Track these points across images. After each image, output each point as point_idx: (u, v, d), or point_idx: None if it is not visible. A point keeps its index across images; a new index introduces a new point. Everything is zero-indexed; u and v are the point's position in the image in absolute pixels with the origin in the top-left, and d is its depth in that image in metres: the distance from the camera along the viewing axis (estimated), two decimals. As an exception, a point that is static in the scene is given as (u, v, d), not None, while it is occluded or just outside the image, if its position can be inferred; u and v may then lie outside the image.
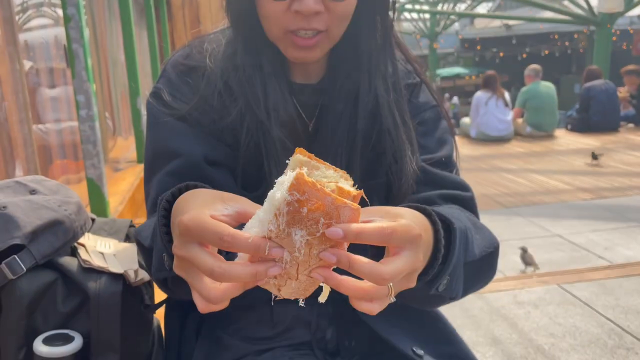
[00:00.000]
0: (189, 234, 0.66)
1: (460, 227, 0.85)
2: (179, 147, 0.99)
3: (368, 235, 0.65)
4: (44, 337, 0.96)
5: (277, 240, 0.65)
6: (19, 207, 0.99)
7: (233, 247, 0.64)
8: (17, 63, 2.24)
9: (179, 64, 1.06)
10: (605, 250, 4.10)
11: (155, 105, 1.04)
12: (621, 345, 2.75)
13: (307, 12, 0.90)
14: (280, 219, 0.65)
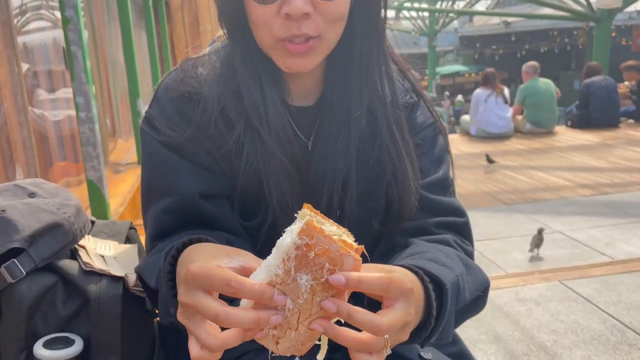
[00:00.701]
0: (196, 281, 0.70)
1: (452, 282, 0.87)
2: (174, 182, 0.99)
3: (368, 283, 0.70)
4: (45, 340, 0.96)
5: (282, 287, 0.69)
6: (17, 210, 0.99)
7: (239, 293, 0.68)
8: (15, 65, 2.24)
9: (172, 89, 1.03)
10: (607, 247, 4.09)
11: (149, 133, 1.02)
12: (623, 342, 2.75)
13: (296, 14, 0.87)
14: (288, 263, 0.69)
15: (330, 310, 0.69)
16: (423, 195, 1.05)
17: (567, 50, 26.13)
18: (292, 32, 0.89)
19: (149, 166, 1.03)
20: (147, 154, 1.03)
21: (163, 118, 1.01)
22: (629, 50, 21.78)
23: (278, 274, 0.70)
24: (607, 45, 14.30)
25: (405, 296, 0.73)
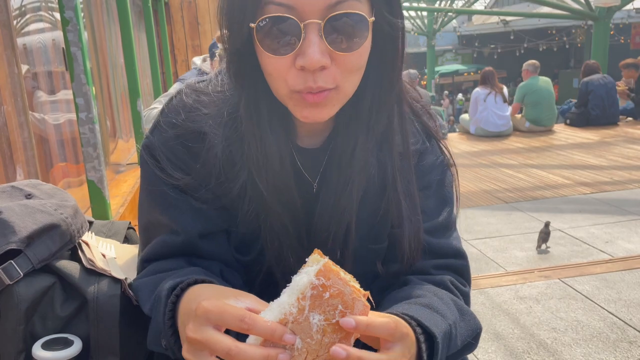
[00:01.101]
0: (207, 317, 0.73)
1: (444, 332, 0.89)
2: (174, 220, 0.99)
3: (375, 328, 0.74)
4: (43, 341, 0.96)
5: (293, 326, 0.73)
6: (14, 211, 0.98)
7: (252, 329, 0.71)
8: (15, 67, 2.25)
9: (177, 126, 0.99)
10: (606, 244, 4.10)
11: (150, 166, 1.00)
12: (624, 339, 2.75)
13: (311, 67, 0.82)
14: (303, 302, 0.73)
15: (339, 357, 0.71)
16: (424, 239, 1.05)
17: (566, 49, 26.12)
18: (307, 85, 0.85)
19: (149, 197, 1.02)
20: (147, 183, 1.02)
21: (167, 152, 0.98)
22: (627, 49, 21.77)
23: (291, 312, 0.73)
24: (605, 44, 14.31)
25: (402, 340, 0.78)
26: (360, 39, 0.85)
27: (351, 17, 0.83)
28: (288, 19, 0.82)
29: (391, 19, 0.89)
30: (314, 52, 0.82)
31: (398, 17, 0.90)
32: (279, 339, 0.71)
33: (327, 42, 0.83)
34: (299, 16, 0.82)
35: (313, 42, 0.82)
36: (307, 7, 0.81)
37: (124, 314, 1.01)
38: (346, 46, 0.84)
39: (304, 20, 0.82)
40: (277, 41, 0.83)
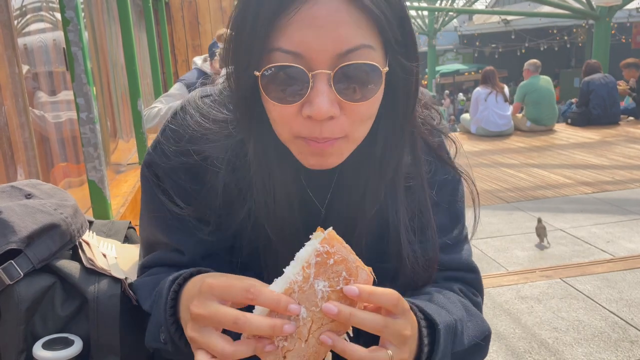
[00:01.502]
0: (212, 291, 0.73)
1: (447, 323, 0.88)
2: (177, 244, 0.98)
3: (378, 296, 0.74)
4: (44, 341, 0.95)
5: (299, 295, 0.73)
6: (14, 211, 0.98)
7: (257, 299, 0.71)
8: (16, 67, 2.24)
9: (177, 151, 0.95)
10: (608, 244, 4.09)
11: (152, 185, 0.98)
12: (625, 339, 2.74)
13: (319, 117, 0.77)
14: (308, 270, 0.74)
15: (331, 313, 0.71)
16: None
17: (567, 48, 26.10)
18: (313, 133, 0.80)
19: (151, 219, 1.01)
20: (149, 202, 1.01)
21: (169, 170, 0.96)
22: (628, 48, 21.76)
23: (296, 280, 0.73)
24: (606, 43, 14.29)
25: (405, 314, 0.78)
26: (372, 89, 0.80)
27: (363, 67, 0.78)
28: (295, 68, 0.77)
29: (406, 63, 0.84)
30: (322, 102, 0.77)
31: (413, 60, 0.85)
32: (284, 310, 0.71)
33: (336, 92, 0.78)
34: (307, 65, 0.77)
35: (321, 91, 0.77)
36: (316, 55, 0.76)
37: (124, 313, 1.01)
38: (357, 96, 0.79)
39: (312, 69, 0.77)
40: (283, 89, 0.78)
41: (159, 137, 0.98)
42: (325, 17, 0.75)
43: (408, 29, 0.83)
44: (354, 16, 0.76)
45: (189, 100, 0.99)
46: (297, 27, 0.75)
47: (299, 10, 0.74)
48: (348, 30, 0.76)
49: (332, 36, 0.75)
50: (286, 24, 0.75)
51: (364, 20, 0.77)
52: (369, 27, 0.78)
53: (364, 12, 0.76)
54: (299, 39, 0.76)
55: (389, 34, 0.79)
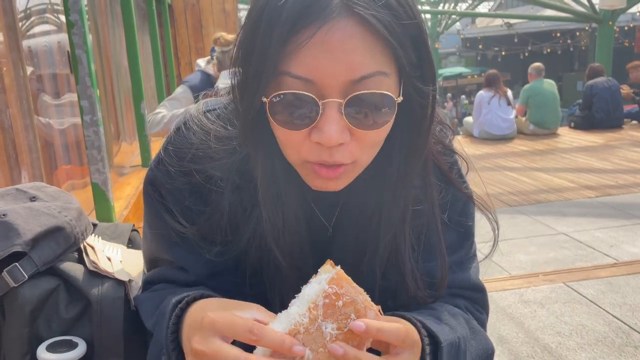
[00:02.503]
0: (215, 328, 0.72)
1: (450, 341, 0.88)
2: (183, 262, 0.97)
3: (386, 332, 0.73)
4: (48, 344, 0.96)
5: (304, 336, 0.71)
6: (19, 214, 0.99)
7: (261, 340, 0.70)
8: (20, 69, 2.25)
9: (181, 170, 0.93)
10: (611, 248, 4.08)
11: (155, 203, 0.96)
12: (629, 344, 2.73)
13: (328, 144, 0.76)
14: (315, 311, 0.72)
15: (337, 353, 0.71)
16: None
17: (570, 52, 26.08)
18: (322, 158, 0.78)
19: (154, 238, 0.99)
20: (152, 219, 0.98)
21: (172, 188, 0.94)
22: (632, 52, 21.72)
23: (302, 322, 0.72)
24: (609, 47, 14.28)
25: (412, 347, 0.78)
26: (384, 117, 0.78)
27: (376, 96, 0.76)
28: (305, 96, 0.75)
29: (421, 87, 0.81)
30: (332, 130, 0.75)
31: (429, 84, 0.82)
32: (288, 350, 0.70)
33: (346, 119, 0.76)
34: (317, 91, 0.74)
35: (332, 118, 0.75)
36: (328, 82, 0.74)
37: (128, 316, 1.01)
38: (368, 123, 0.77)
39: (323, 97, 0.75)
40: (291, 115, 0.76)
41: (162, 155, 0.95)
42: (339, 43, 0.72)
43: (424, 51, 0.80)
44: (368, 42, 0.73)
45: (192, 115, 0.96)
46: (310, 53, 0.72)
47: (313, 36, 0.72)
48: (362, 57, 0.73)
49: (345, 63, 0.73)
50: (298, 48, 0.73)
51: (378, 46, 0.74)
52: (384, 52, 0.75)
53: (378, 38, 0.74)
54: (311, 65, 0.73)
55: (403, 59, 0.76)
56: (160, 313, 0.90)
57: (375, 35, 0.73)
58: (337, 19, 0.72)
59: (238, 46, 0.82)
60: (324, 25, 0.72)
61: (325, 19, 0.72)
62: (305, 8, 0.72)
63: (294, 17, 0.72)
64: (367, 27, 0.73)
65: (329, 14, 0.72)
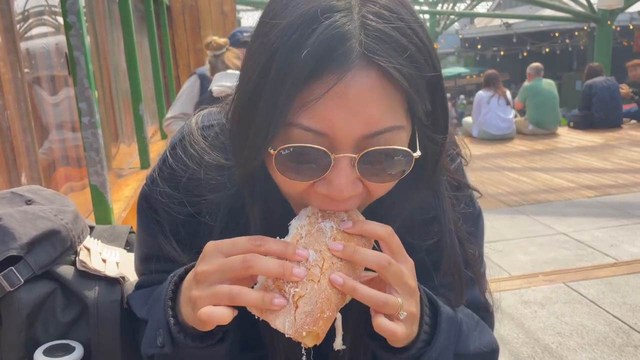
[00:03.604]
0: (217, 249, 0.73)
1: (449, 315, 0.87)
2: None
3: (372, 224, 0.76)
4: (45, 348, 0.95)
5: (306, 239, 0.74)
6: (14, 218, 0.98)
7: (264, 245, 0.71)
8: (18, 71, 2.24)
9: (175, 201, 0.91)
10: (611, 248, 4.07)
11: (149, 215, 0.94)
12: (629, 343, 2.73)
13: (339, 198, 0.73)
14: (314, 217, 0.76)
15: (336, 250, 0.72)
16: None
17: (569, 52, 26.07)
18: (327, 207, 0.76)
19: (146, 246, 0.97)
20: (145, 235, 0.97)
21: (166, 215, 0.92)
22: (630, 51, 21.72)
23: (302, 225, 0.75)
24: (608, 46, 14.30)
25: (407, 263, 0.78)
26: (399, 171, 0.75)
27: (392, 152, 0.72)
28: (317, 150, 0.70)
29: (434, 135, 0.78)
30: (343, 185, 0.71)
31: (441, 132, 0.79)
32: (292, 255, 0.71)
33: (359, 172, 0.72)
34: (330, 144, 0.70)
35: (343, 171, 0.71)
36: (341, 136, 0.69)
37: (125, 319, 1.00)
38: (382, 177, 0.74)
39: (336, 150, 0.70)
40: (299, 167, 0.72)
41: (156, 176, 0.93)
42: (357, 96, 0.67)
43: (440, 98, 0.77)
44: (386, 94, 0.69)
45: (191, 131, 0.93)
46: (324, 105, 0.67)
47: (331, 89, 0.66)
48: (380, 111, 0.69)
49: (362, 117, 0.69)
50: (313, 100, 0.67)
51: (397, 98, 0.70)
52: (401, 104, 0.71)
53: (397, 90, 0.69)
54: (325, 118, 0.68)
55: (420, 110, 0.73)
56: (155, 296, 0.90)
57: (394, 86, 0.69)
58: (357, 69, 0.67)
59: (240, 88, 0.76)
60: (343, 77, 0.66)
61: (344, 70, 0.66)
62: (324, 57, 0.66)
63: (311, 66, 0.66)
64: (386, 78, 0.68)
65: (348, 65, 0.66)
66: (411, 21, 0.72)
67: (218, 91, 3.44)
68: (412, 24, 0.72)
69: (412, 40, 0.71)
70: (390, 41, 0.69)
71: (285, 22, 0.69)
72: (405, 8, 0.73)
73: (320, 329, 0.70)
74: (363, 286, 0.72)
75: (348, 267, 0.73)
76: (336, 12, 0.68)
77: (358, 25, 0.68)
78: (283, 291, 0.70)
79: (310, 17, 0.68)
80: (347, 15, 0.68)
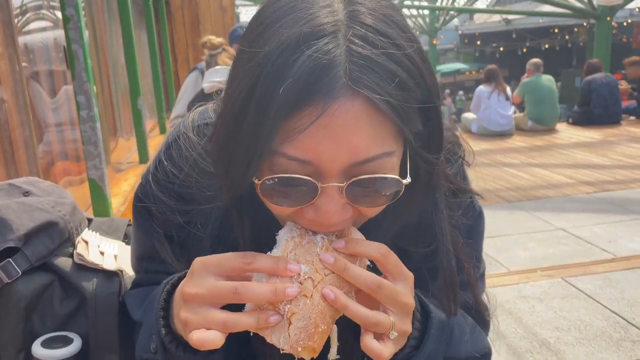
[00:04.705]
0: (206, 268, 0.70)
1: (440, 319, 0.86)
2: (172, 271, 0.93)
3: (365, 245, 0.74)
4: (43, 339, 0.95)
5: (297, 251, 0.72)
6: (11, 209, 0.98)
7: (254, 264, 0.69)
8: (16, 65, 2.24)
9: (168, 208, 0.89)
10: (609, 243, 4.08)
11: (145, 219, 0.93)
12: (627, 338, 2.73)
13: (327, 224, 0.72)
14: (304, 228, 0.73)
15: (328, 262, 0.70)
16: None
17: (568, 48, 26.05)
18: (319, 230, 0.74)
19: (142, 246, 0.97)
20: (141, 233, 0.96)
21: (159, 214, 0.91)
22: (629, 48, 21.71)
23: (292, 236, 0.73)
24: (607, 43, 14.29)
25: (406, 280, 0.76)
26: (388, 196, 0.73)
27: (380, 180, 0.71)
28: (302, 180, 0.68)
29: (428, 157, 0.76)
30: (331, 211, 0.70)
31: (436, 152, 0.77)
32: (283, 271, 0.69)
33: (347, 197, 0.70)
34: (316, 173, 0.68)
35: (331, 198, 0.70)
36: (327, 165, 0.67)
37: (123, 311, 1.00)
38: (372, 202, 0.73)
39: (322, 180, 0.69)
40: (286, 195, 0.71)
41: (150, 179, 0.91)
42: (343, 126, 0.65)
43: (433, 118, 0.74)
44: (374, 122, 0.66)
45: (186, 130, 0.91)
46: (309, 136, 0.65)
47: (316, 121, 0.64)
48: (367, 139, 0.67)
49: (349, 147, 0.66)
50: (297, 131, 0.65)
51: (384, 125, 0.67)
52: (390, 130, 0.69)
53: (385, 117, 0.67)
54: (310, 148, 0.66)
55: (410, 133, 0.70)
56: (149, 300, 0.89)
57: (381, 114, 0.66)
58: (342, 99, 0.64)
59: (222, 116, 0.73)
60: (328, 108, 0.64)
61: (329, 99, 0.64)
62: (307, 88, 0.63)
63: (295, 97, 0.63)
64: (373, 106, 0.65)
65: (333, 94, 0.64)
66: (402, 40, 0.69)
67: (209, 87, 3.46)
68: (403, 43, 0.68)
69: (401, 64, 0.67)
70: (377, 68, 0.65)
71: (268, 49, 0.66)
72: (395, 26, 0.69)
73: (316, 342, 0.69)
74: (354, 304, 0.70)
75: (341, 282, 0.72)
76: (321, 38, 0.65)
77: (344, 51, 0.65)
78: (277, 307, 0.69)
79: (293, 43, 0.65)
80: (332, 41, 0.65)
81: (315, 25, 0.66)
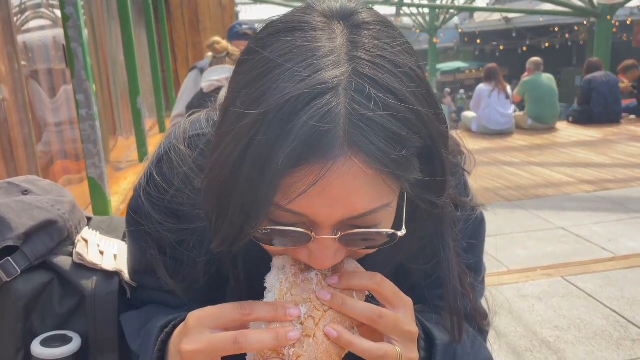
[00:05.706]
0: (202, 323, 0.69)
1: (444, 343, 0.85)
2: (163, 299, 0.94)
3: (359, 276, 0.74)
4: (42, 338, 0.95)
5: (293, 291, 0.71)
6: (10, 208, 0.97)
7: (252, 314, 0.68)
8: (16, 63, 2.23)
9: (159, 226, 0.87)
10: (609, 242, 4.08)
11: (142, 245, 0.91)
12: (627, 337, 2.73)
13: (321, 268, 0.72)
14: (295, 267, 0.73)
15: (324, 299, 0.70)
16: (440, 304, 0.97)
17: (568, 46, 26.05)
18: (313, 266, 0.73)
19: (137, 260, 0.95)
20: (136, 248, 0.94)
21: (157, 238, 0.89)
22: (629, 46, 21.72)
23: (287, 277, 0.72)
24: (608, 41, 14.28)
25: (406, 307, 0.75)
26: (384, 243, 0.74)
27: (374, 233, 0.71)
28: (297, 232, 0.69)
29: (430, 199, 0.75)
30: (325, 257, 0.70)
31: (440, 193, 0.76)
32: (283, 316, 0.68)
33: (341, 244, 0.71)
34: (310, 223, 0.68)
35: (325, 247, 0.70)
36: (321, 219, 0.67)
37: (122, 310, 1.00)
38: (365, 247, 0.74)
39: (317, 232, 0.69)
40: (280, 243, 0.72)
41: (141, 194, 0.89)
42: (339, 186, 0.64)
43: (436, 161, 0.73)
44: (370, 179, 0.65)
45: (177, 142, 0.89)
46: (307, 196, 0.64)
47: (315, 184, 0.63)
48: (363, 197, 0.66)
49: (344, 204, 0.66)
50: (294, 189, 0.64)
51: (382, 180, 0.66)
52: (387, 183, 0.67)
53: (383, 172, 0.65)
54: (307, 206, 0.66)
55: (408, 183, 0.70)
56: (146, 335, 0.87)
57: (380, 171, 0.65)
58: (341, 160, 0.63)
59: (213, 174, 0.70)
60: (327, 170, 0.63)
61: (327, 160, 0.62)
62: (307, 149, 0.62)
63: (294, 159, 0.62)
64: (372, 165, 0.64)
65: (331, 156, 0.63)
66: (405, 87, 0.66)
67: (207, 86, 3.45)
68: (407, 96, 0.66)
69: (405, 121, 0.66)
70: (378, 129, 0.64)
71: (264, 109, 0.63)
72: (399, 72, 0.67)
73: None
74: (359, 339, 0.70)
75: (342, 316, 0.72)
76: (321, 95, 0.62)
77: (343, 109, 0.63)
78: (281, 353, 0.68)
79: (291, 105, 0.62)
80: (332, 99, 0.63)
81: (316, 83, 0.63)
